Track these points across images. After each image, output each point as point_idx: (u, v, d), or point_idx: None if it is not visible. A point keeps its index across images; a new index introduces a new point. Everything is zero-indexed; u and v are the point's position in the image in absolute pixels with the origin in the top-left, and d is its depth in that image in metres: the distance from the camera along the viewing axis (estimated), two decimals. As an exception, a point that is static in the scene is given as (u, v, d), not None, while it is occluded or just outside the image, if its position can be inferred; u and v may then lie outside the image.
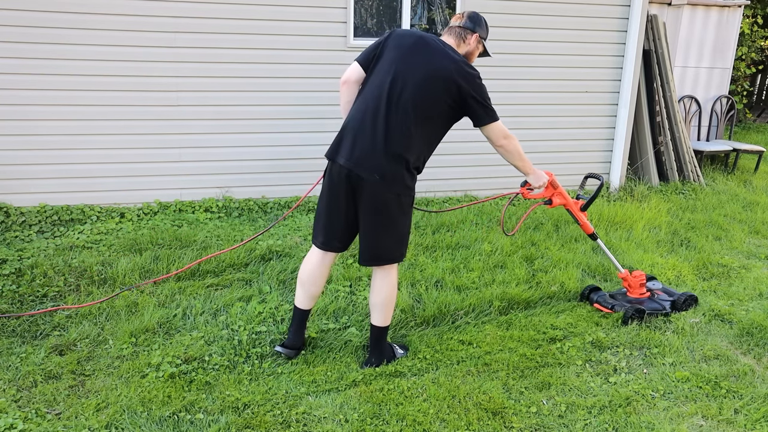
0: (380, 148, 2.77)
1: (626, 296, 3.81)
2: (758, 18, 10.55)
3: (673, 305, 3.75)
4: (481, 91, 2.90)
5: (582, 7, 5.90)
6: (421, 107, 2.80)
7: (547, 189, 3.35)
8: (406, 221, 2.95)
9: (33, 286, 3.71)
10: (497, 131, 2.96)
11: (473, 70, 2.88)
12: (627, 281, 3.82)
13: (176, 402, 2.73)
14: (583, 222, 3.59)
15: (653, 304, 3.75)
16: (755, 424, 2.74)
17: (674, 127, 6.93)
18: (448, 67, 2.81)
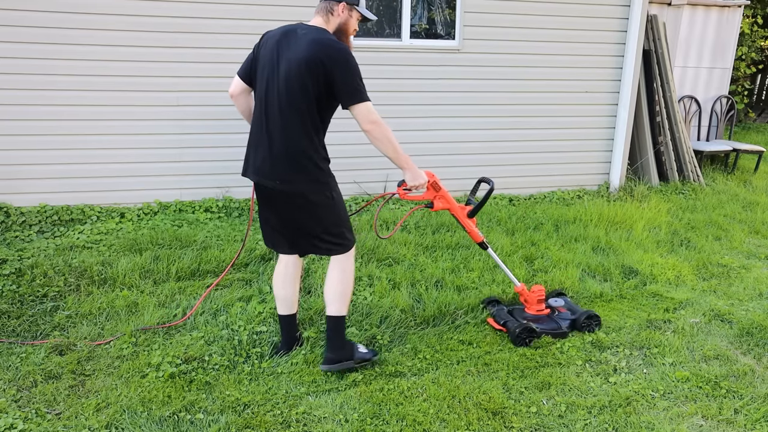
0: (276, 154, 2.75)
1: (523, 312, 3.52)
2: (758, 18, 10.55)
3: (573, 324, 3.47)
4: (346, 69, 2.66)
5: (582, 7, 5.90)
6: (297, 101, 2.69)
7: (429, 191, 3.10)
8: (329, 212, 2.86)
9: (33, 286, 3.71)
10: (363, 113, 2.71)
11: (339, 46, 2.68)
12: (523, 296, 3.55)
13: (176, 402, 2.73)
14: (470, 229, 3.28)
15: (550, 323, 3.45)
16: (755, 424, 2.74)
17: (674, 127, 6.93)
18: (308, 51, 2.65)
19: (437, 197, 3.09)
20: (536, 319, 3.46)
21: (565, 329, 3.42)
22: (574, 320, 3.47)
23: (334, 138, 5.46)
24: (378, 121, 2.75)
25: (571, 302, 3.69)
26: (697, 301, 3.97)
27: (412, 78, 5.60)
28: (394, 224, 5.00)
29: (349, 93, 2.68)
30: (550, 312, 3.55)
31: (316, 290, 3.82)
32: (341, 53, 2.66)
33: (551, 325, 3.43)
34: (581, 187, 6.43)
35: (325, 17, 2.82)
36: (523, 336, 3.31)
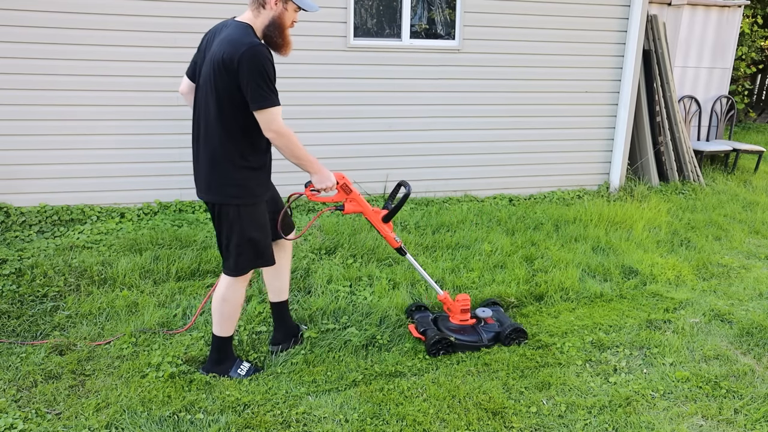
0: (200, 160, 2.70)
1: (447, 322, 3.36)
2: (758, 18, 10.55)
3: (497, 337, 3.31)
4: (250, 70, 2.48)
5: (582, 7, 5.90)
6: (214, 104, 2.58)
7: (339, 193, 2.95)
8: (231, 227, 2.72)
9: (33, 286, 3.71)
10: (264, 120, 2.55)
11: (247, 45, 2.48)
12: (446, 305, 3.39)
13: (176, 402, 2.73)
14: (385, 234, 3.11)
15: (472, 334, 3.29)
16: (755, 424, 2.74)
17: (674, 127, 6.93)
18: (220, 51, 2.51)
19: (348, 200, 2.97)
20: (459, 330, 3.29)
21: (486, 342, 3.26)
22: (499, 333, 3.31)
23: (334, 138, 5.51)
24: (281, 131, 2.58)
25: (502, 313, 3.53)
26: (697, 301, 3.97)
27: (412, 78, 5.60)
28: (393, 223, 5.00)
29: (252, 96, 2.51)
30: (476, 322, 3.37)
31: (317, 290, 3.82)
32: (247, 53, 2.46)
33: (472, 337, 3.27)
34: (581, 187, 6.43)
35: (256, 11, 2.63)
36: (437, 347, 3.17)
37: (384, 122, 5.64)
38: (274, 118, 2.56)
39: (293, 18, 2.69)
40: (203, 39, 2.74)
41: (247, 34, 2.55)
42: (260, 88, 2.49)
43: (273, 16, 2.62)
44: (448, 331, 3.29)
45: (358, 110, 5.54)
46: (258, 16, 2.63)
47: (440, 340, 3.18)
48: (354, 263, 4.22)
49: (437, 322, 3.37)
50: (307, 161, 2.74)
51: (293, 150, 2.66)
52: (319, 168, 2.79)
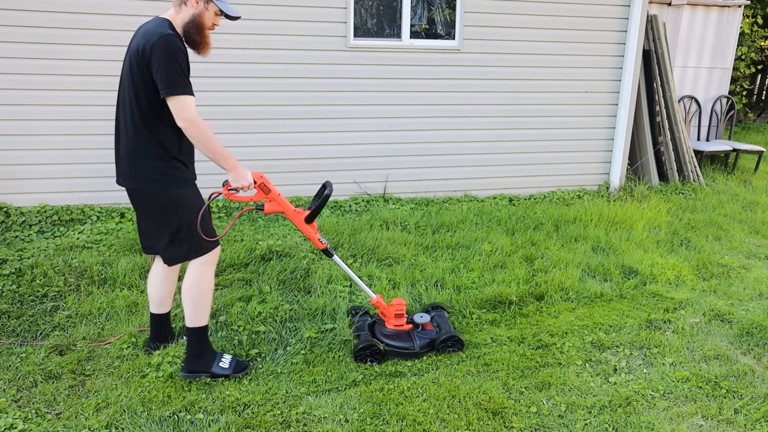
0: (126, 152, 2.71)
1: (383, 327, 3.27)
2: (758, 18, 10.56)
3: (431, 344, 3.20)
4: (162, 57, 2.51)
5: (582, 7, 5.90)
6: (132, 96, 2.61)
7: (258, 193, 2.90)
8: (179, 216, 2.74)
9: (33, 286, 3.71)
10: (176, 108, 2.56)
11: (161, 35, 2.53)
12: (380, 309, 3.27)
13: (176, 402, 2.73)
14: (309, 236, 3.03)
15: (405, 341, 3.19)
16: (755, 424, 2.74)
17: (674, 127, 6.94)
18: (137, 43, 2.58)
19: (268, 199, 2.91)
20: (393, 335, 3.20)
21: (419, 349, 3.14)
22: (433, 340, 3.20)
23: (334, 138, 5.51)
24: (192, 118, 2.59)
25: (444, 319, 3.39)
26: (697, 301, 3.97)
27: (412, 78, 5.60)
28: (393, 224, 5.00)
29: (163, 83, 2.52)
30: (413, 328, 3.27)
31: (316, 290, 3.82)
32: (160, 41, 2.51)
33: (405, 344, 3.16)
34: (581, 187, 6.43)
35: (177, 7, 2.68)
36: (363, 354, 3.07)
37: (384, 122, 5.64)
38: (185, 105, 2.56)
39: (214, 20, 2.74)
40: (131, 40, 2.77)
41: (162, 26, 2.60)
42: (172, 74, 2.52)
43: (193, 14, 2.68)
44: (382, 336, 3.19)
45: (358, 110, 5.54)
46: (179, 12, 2.68)
47: (367, 347, 3.06)
48: (354, 263, 4.22)
49: (373, 327, 3.28)
50: (222, 157, 2.69)
51: (206, 142, 2.63)
52: (235, 165, 2.74)
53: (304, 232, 3.03)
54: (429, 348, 3.19)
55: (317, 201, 3.03)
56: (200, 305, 2.86)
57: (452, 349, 3.22)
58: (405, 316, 3.27)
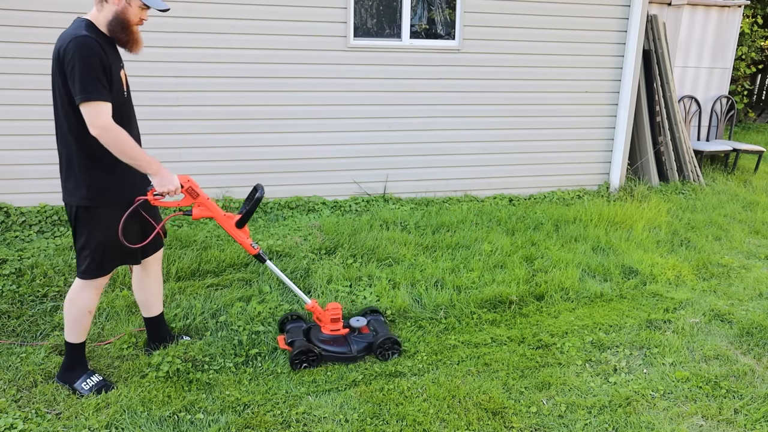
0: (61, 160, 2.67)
1: (318, 332, 3.19)
2: (758, 18, 10.56)
3: (369, 347, 3.15)
4: (74, 61, 2.39)
5: (582, 7, 5.90)
6: (55, 102, 2.55)
7: (186, 197, 2.77)
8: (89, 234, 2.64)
9: (33, 286, 3.71)
10: (88, 115, 2.44)
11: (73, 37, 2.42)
12: (316, 314, 3.21)
13: (176, 402, 2.73)
14: (241, 241, 2.93)
15: (342, 345, 3.13)
16: (755, 424, 2.74)
17: (674, 127, 6.94)
18: (56, 47, 2.47)
19: (196, 204, 2.79)
20: (329, 340, 3.14)
21: (356, 353, 3.10)
22: (371, 344, 3.15)
23: (334, 138, 5.51)
24: (107, 126, 2.45)
25: (381, 323, 3.34)
26: (697, 301, 3.97)
27: (412, 78, 5.60)
28: (393, 224, 5.00)
29: (76, 89, 2.41)
30: (349, 332, 3.21)
31: (317, 290, 3.82)
32: (71, 44, 2.39)
33: (342, 348, 3.11)
34: (581, 187, 6.43)
35: (99, 5, 2.54)
36: (299, 359, 3.00)
37: (384, 122, 5.64)
38: (98, 113, 2.43)
39: (141, 15, 2.62)
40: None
41: (79, 28, 2.49)
42: (84, 79, 2.39)
43: (116, 11, 2.54)
44: (318, 341, 3.12)
45: (358, 110, 5.54)
46: (101, 10, 2.56)
47: (304, 352, 3.01)
48: (354, 263, 4.22)
49: (309, 333, 3.21)
50: (144, 161, 2.56)
51: (124, 148, 2.50)
52: (159, 168, 2.61)
53: (235, 236, 2.92)
54: (366, 351, 3.14)
55: (248, 205, 2.92)
56: (75, 323, 2.77)
57: (391, 352, 3.16)
58: (341, 320, 3.20)
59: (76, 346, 2.84)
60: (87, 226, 2.65)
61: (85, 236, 2.66)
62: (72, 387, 2.82)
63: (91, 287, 2.76)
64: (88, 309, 2.78)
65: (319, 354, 3.05)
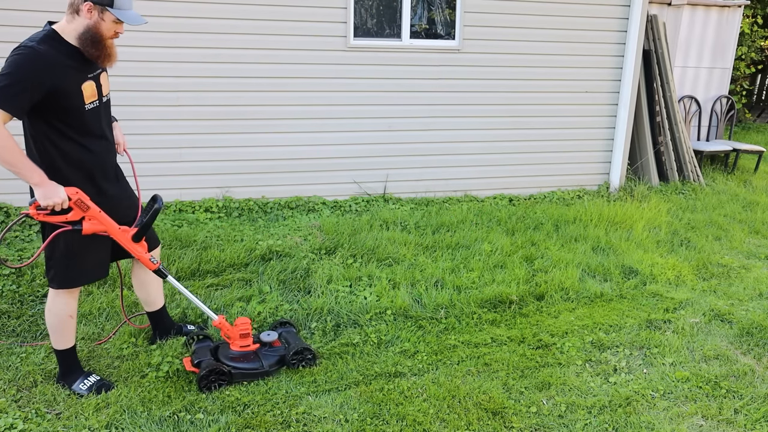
0: None
1: (228, 350, 3.03)
2: (758, 18, 10.56)
3: (282, 360, 3.03)
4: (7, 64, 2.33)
5: (582, 7, 5.90)
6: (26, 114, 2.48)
7: (75, 211, 2.54)
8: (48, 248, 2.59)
9: (33, 286, 3.70)
10: None
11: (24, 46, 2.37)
12: (224, 330, 3.02)
13: (176, 402, 2.73)
14: (138, 255, 2.75)
15: (253, 361, 2.98)
16: (755, 424, 2.74)
17: (674, 127, 6.94)
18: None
19: (87, 217, 2.58)
20: (239, 357, 2.99)
21: (268, 368, 2.97)
22: (283, 356, 3.03)
23: (334, 138, 5.51)
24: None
25: (293, 335, 3.21)
26: (697, 301, 3.97)
27: (412, 78, 5.60)
28: (394, 224, 5.00)
29: None
30: (260, 347, 3.07)
31: (316, 290, 3.82)
32: (15, 49, 2.36)
33: (253, 364, 2.97)
34: (581, 187, 6.43)
35: (69, 16, 2.48)
36: (209, 380, 2.84)
37: (384, 122, 5.64)
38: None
39: (116, 29, 2.53)
40: None
41: (36, 35, 2.44)
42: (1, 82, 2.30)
43: (87, 25, 2.47)
44: (227, 359, 2.96)
45: (358, 110, 5.54)
46: (71, 22, 2.48)
47: (212, 371, 2.84)
48: (354, 263, 4.22)
49: (217, 351, 3.02)
50: (27, 170, 2.38)
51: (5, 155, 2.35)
52: (43, 180, 2.40)
53: (132, 251, 2.74)
54: (279, 365, 3.02)
55: (145, 216, 2.79)
56: (57, 331, 2.75)
57: (304, 363, 3.06)
58: (251, 336, 3.06)
59: (66, 352, 2.83)
60: (45, 236, 2.61)
61: (48, 249, 2.62)
62: (71, 389, 2.82)
63: (63, 295, 2.71)
64: (68, 314, 2.74)
65: (229, 372, 2.89)
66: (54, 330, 2.76)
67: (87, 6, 2.44)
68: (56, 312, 2.72)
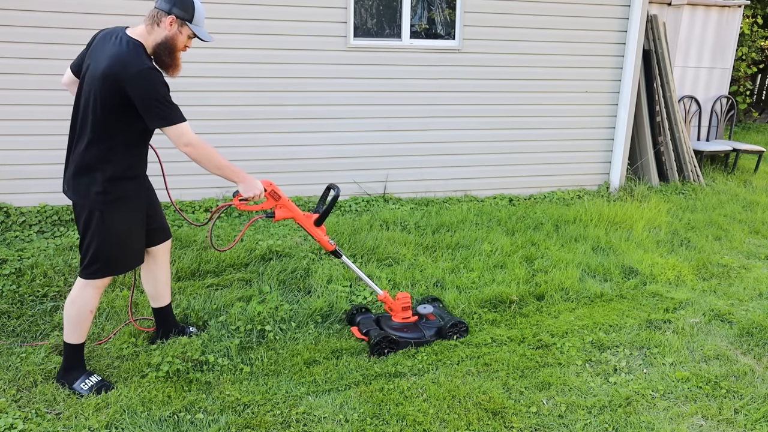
0: (73, 161, 2.66)
1: (389, 321, 3.37)
2: (758, 18, 10.56)
3: (439, 332, 3.35)
4: (145, 90, 2.51)
5: (582, 7, 5.90)
6: (98, 113, 2.57)
7: (268, 200, 2.97)
8: (97, 238, 2.67)
9: (33, 286, 3.70)
10: (175, 137, 2.60)
11: (136, 65, 2.50)
12: (388, 304, 3.39)
13: (176, 402, 2.73)
14: (319, 238, 3.14)
15: (414, 331, 3.33)
16: (755, 424, 2.74)
17: (674, 127, 6.93)
18: (107, 66, 2.51)
19: (278, 206, 3.00)
20: (401, 327, 3.32)
21: (429, 338, 3.31)
22: (440, 328, 3.35)
23: (334, 138, 5.51)
24: (194, 143, 2.63)
25: (443, 309, 3.58)
26: (697, 301, 3.97)
27: (412, 78, 5.60)
28: (393, 224, 5.00)
29: (155, 116, 2.56)
30: (418, 319, 3.41)
31: (316, 290, 3.82)
32: (139, 74, 2.49)
33: (415, 334, 3.31)
34: (581, 187, 6.43)
35: (150, 27, 2.63)
36: (381, 346, 3.17)
37: (384, 122, 5.64)
38: (184, 132, 2.60)
39: (186, 43, 2.72)
40: (93, 37, 2.72)
41: (139, 54, 2.56)
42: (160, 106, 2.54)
43: (166, 36, 2.63)
44: (391, 330, 3.30)
45: (358, 110, 5.54)
46: (151, 32, 2.63)
47: (383, 339, 3.18)
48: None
49: (380, 322, 3.37)
50: (230, 170, 2.78)
51: (212, 159, 2.70)
52: (244, 176, 2.83)
53: (314, 234, 3.13)
54: (438, 336, 3.34)
55: (323, 204, 3.14)
56: (76, 324, 2.78)
57: (458, 334, 3.38)
58: (411, 308, 3.40)
59: (76, 347, 2.85)
60: (101, 229, 2.68)
61: (97, 239, 2.68)
62: (71, 388, 2.82)
63: (92, 287, 2.78)
64: (90, 309, 2.80)
65: (396, 340, 3.21)
66: (72, 322, 2.79)
67: (170, 19, 2.62)
68: (80, 304, 2.77)
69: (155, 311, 3.23)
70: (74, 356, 2.86)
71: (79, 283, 2.78)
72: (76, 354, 2.86)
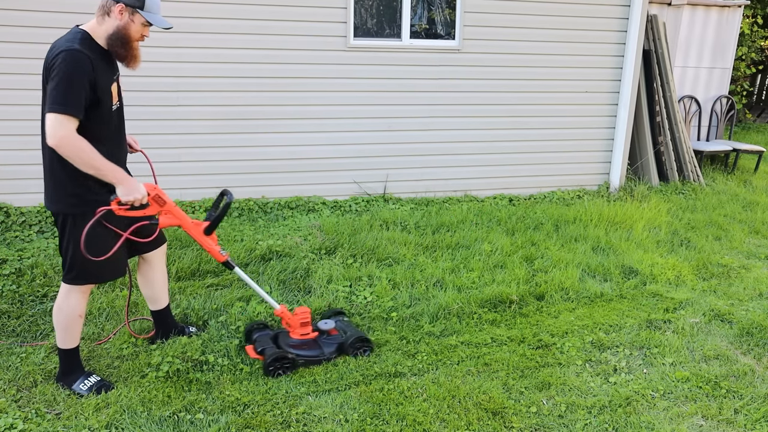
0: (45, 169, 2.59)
1: (288, 338, 3.16)
2: (758, 18, 10.56)
3: (340, 348, 3.15)
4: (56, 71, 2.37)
5: (582, 7, 5.90)
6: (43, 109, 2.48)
7: (152, 206, 2.71)
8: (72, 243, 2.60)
9: (33, 286, 3.70)
10: (48, 124, 2.37)
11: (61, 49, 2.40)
12: (285, 319, 3.15)
13: (176, 402, 2.73)
14: (209, 248, 2.90)
15: (313, 349, 3.12)
16: (755, 424, 2.74)
17: (674, 127, 6.93)
18: (47, 55, 2.45)
19: (163, 212, 2.75)
20: (300, 345, 3.12)
21: (329, 355, 3.11)
22: (341, 344, 3.15)
23: (334, 138, 5.51)
24: (64, 137, 2.37)
25: (347, 323, 3.37)
26: (697, 301, 3.97)
27: (412, 78, 5.60)
28: (393, 224, 5.00)
29: (49, 96, 2.37)
30: (318, 335, 3.19)
31: (316, 290, 3.82)
32: (61, 56, 2.38)
33: (314, 352, 3.10)
34: (581, 187, 6.43)
35: (100, 18, 2.55)
36: (276, 366, 2.97)
37: (384, 122, 5.64)
38: (59, 124, 2.37)
39: (143, 32, 2.62)
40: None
41: (73, 39, 2.46)
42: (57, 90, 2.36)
43: (117, 26, 2.54)
44: (289, 347, 3.08)
45: (358, 110, 5.54)
46: (101, 23, 2.55)
47: (278, 358, 2.97)
48: (354, 263, 4.22)
49: (277, 340, 3.15)
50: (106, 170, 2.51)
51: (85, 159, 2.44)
52: (123, 178, 2.56)
53: (203, 244, 2.90)
54: (339, 352, 3.15)
55: (215, 211, 2.90)
56: (66, 330, 2.76)
57: (362, 350, 3.17)
58: (310, 324, 3.20)
59: (70, 351, 2.83)
60: (74, 234, 2.61)
61: (73, 244, 2.63)
62: (71, 389, 2.82)
63: (76, 292, 2.73)
64: (78, 314, 2.76)
65: (293, 359, 3.01)
66: (62, 328, 2.77)
67: (119, 8, 2.52)
68: (67, 311, 2.74)
69: (154, 314, 3.22)
70: (70, 360, 2.85)
71: (64, 288, 2.74)
72: (71, 358, 2.85)
